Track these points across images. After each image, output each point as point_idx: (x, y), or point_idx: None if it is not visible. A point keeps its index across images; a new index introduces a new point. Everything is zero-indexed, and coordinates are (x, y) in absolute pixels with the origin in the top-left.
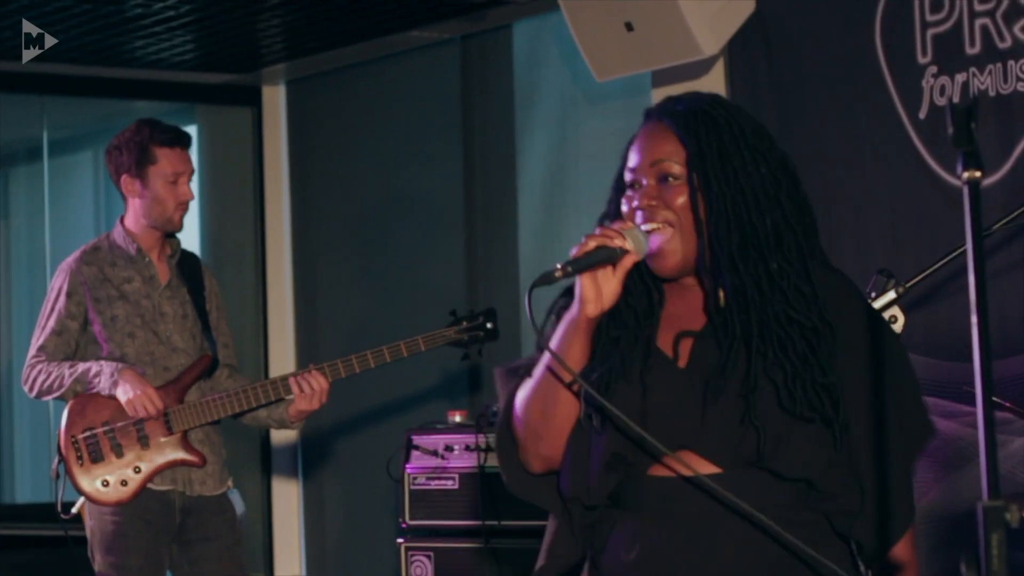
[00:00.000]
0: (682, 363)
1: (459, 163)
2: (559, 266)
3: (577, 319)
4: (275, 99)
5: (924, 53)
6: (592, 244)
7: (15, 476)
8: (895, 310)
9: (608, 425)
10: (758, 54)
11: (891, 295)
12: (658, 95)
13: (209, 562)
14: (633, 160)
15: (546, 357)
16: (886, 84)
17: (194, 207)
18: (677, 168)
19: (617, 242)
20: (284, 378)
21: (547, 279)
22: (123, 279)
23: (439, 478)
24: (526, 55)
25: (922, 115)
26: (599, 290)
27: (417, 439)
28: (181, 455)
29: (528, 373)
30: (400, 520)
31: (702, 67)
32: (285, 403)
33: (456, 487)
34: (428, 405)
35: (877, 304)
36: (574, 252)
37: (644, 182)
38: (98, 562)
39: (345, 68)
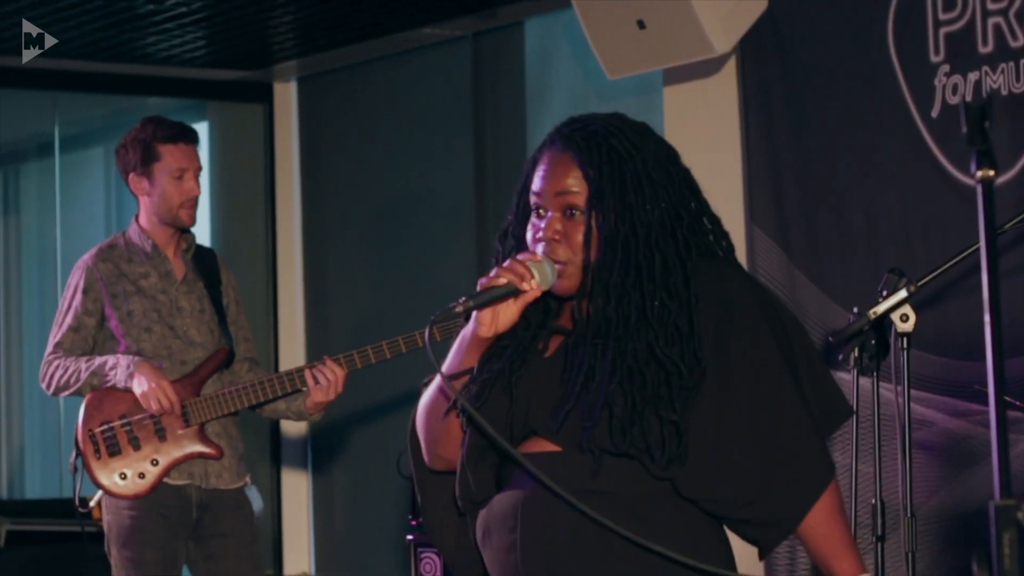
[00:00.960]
0: (547, 354)
1: (470, 160)
2: (460, 301)
3: (470, 338)
4: (287, 96)
5: (936, 52)
6: (502, 280)
7: (25, 472)
8: (906, 308)
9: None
10: (770, 52)
11: (903, 294)
12: (670, 93)
13: (225, 559)
14: (537, 185)
15: (444, 367)
16: (898, 82)
17: (205, 203)
18: (580, 200)
19: (524, 285)
20: (300, 370)
21: (447, 315)
22: (139, 275)
23: None
24: (538, 52)
25: (934, 114)
26: (496, 316)
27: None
28: (198, 447)
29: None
30: (410, 517)
31: (714, 65)
32: (303, 395)
33: None
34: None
35: (888, 303)
36: (483, 282)
37: (549, 212)
38: (114, 556)
39: (357, 65)
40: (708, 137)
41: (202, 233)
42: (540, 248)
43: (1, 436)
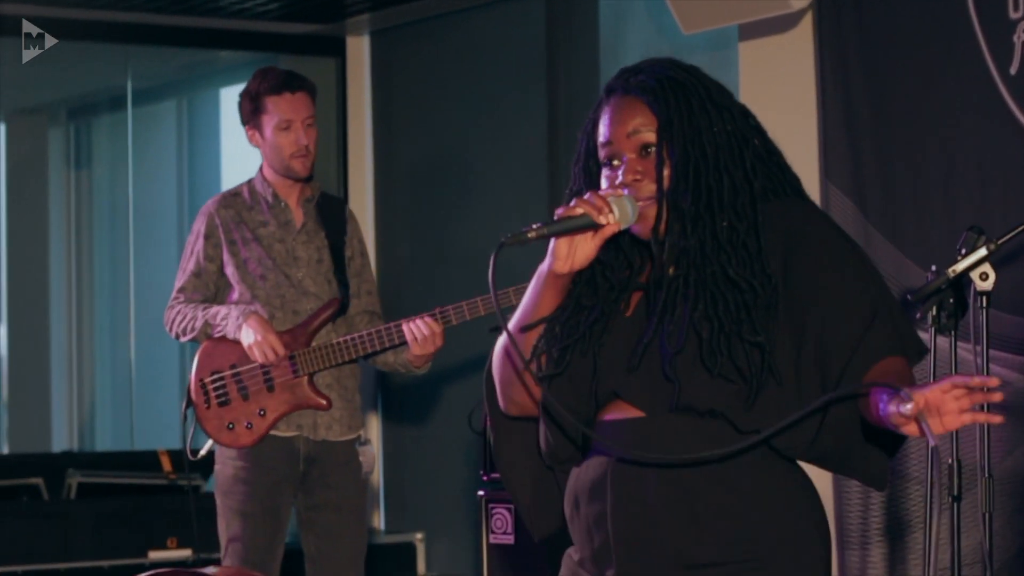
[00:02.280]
0: (628, 313)
1: (543, 117)
2: (534, 227)
3: (546, 275)
4: (359, 50)
5: (1016, 8)
6: (579, 211)
7: (95, 425)
8: (986, 267)
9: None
10: (847, 7)
11: (982, 252)
12: (745, 49)
13: (328, 510)
14: (605, 134)
15: (517, 314)
16: (976, 38)
17: None
18: (651, 137)
19: (601, 219)
20: (398, 323)
21: (519, 239)
22: (259, 223)
23: None
24: (612, 8)
25: (1013, 70)
26: (572, 250)
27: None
28: (306, 398)
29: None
30: (481, 472)
31: (790, 21)
32: (408, 348)
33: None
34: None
35: (968, 261)
36: (560, 212)
37: (624, 156)
38: (218, 505)
39: (430, 19)
40: (783, 93)
41: None
42: (624, 192)
43: (72, 390)
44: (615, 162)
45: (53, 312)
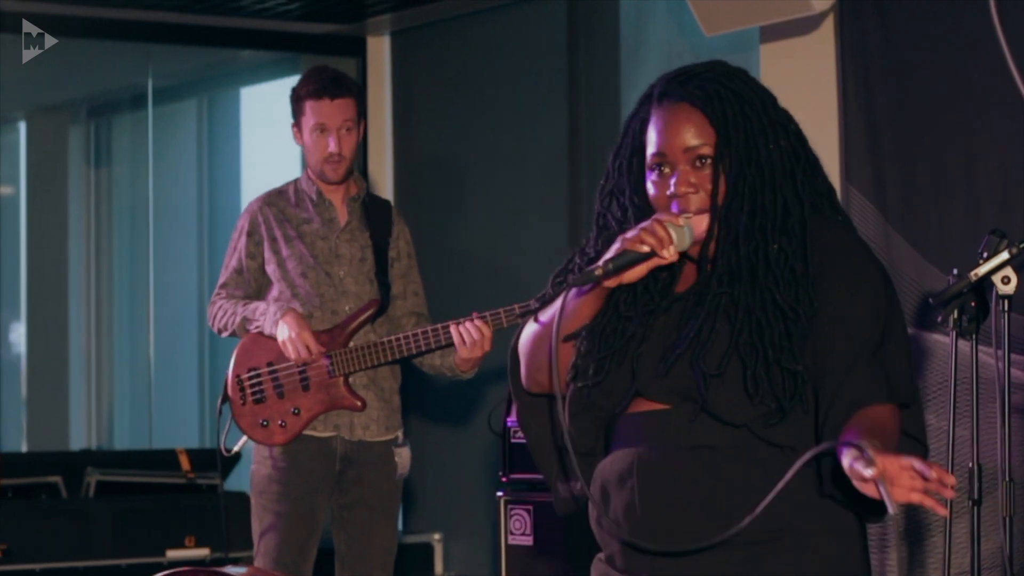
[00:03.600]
0: (665, 318)
1: (564, 117)
2: (600, 264)
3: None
4: (380, 50)
5: None
6: (644, 248)
7: (114, 423)
8: (1007, 271)
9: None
10: (869, 9)
11: (1004, 255)
12: (766, 51)
13: (360, 508)
14: (657, 143)
15: (552, 309)
16: (999, 41)
17: (295, 159)
18: (708, 149)
19: (664, 253)
20: (445, 325)
21: (587, 279)
22: (302, 220)
23: None
24: (633, 8)
25: None
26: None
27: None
28: (342, 398)
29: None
30: (500, 474)
31: (812, 23)
32: (454, 351)
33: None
34: None
35: (990, 264)
36: (625, 239)
37: (677, 167)
38: (253, 503)
39: (451, 19)
40: (804, 96)
41: None
42: (675, 206)
43: (91, 388)
44: (665, 170)
45: (72, 310)
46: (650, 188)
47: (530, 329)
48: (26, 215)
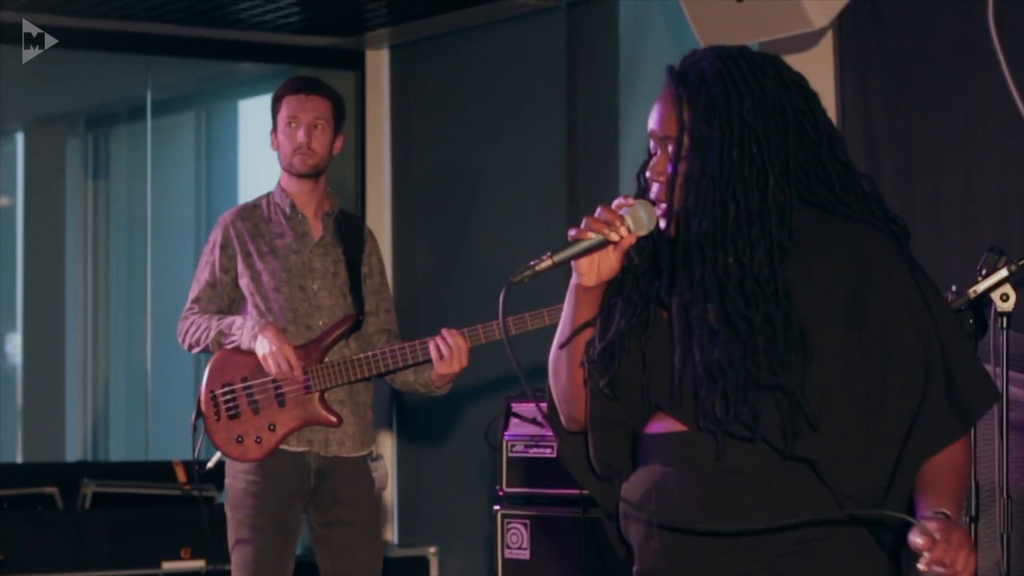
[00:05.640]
0: (666, 314)
1: (562, 132)
2: (544, 257)
3: (575, 291)
4: (379, 64)
5: None
6: (590, 234)
7: (110, 435)
8: (1006, 288)
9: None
10: (868, 27)
11: (1003, 273)
12: None
13: (342, 526)
14: (648, 124)
15: (559, 330)
16: (997, 58)
17: None
18: (674, 133)
19: (613, 236)
20: (423, 341)
21: (529, 274)
22: (276, 234)
23: (537, 446)
24: (632, 24)
25: None
26: (595, 265)
27: (516, 407)
28: (317, 414)
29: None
30: (497, 487)
31: (811, 39)
32: (430, 366)
33: (554, 455)
34: (529, 373)
35: (989, 281)
36: (572, 234)
37: (657, 151)
38: (228, 518)
39: (450, 34)
40: None
41: None
42: (654, 188)
43: (87, 399)
44: (656, 150)
45: (69, 321)
46: (648, 171)
47: (550, 360)
48: (23, 226)
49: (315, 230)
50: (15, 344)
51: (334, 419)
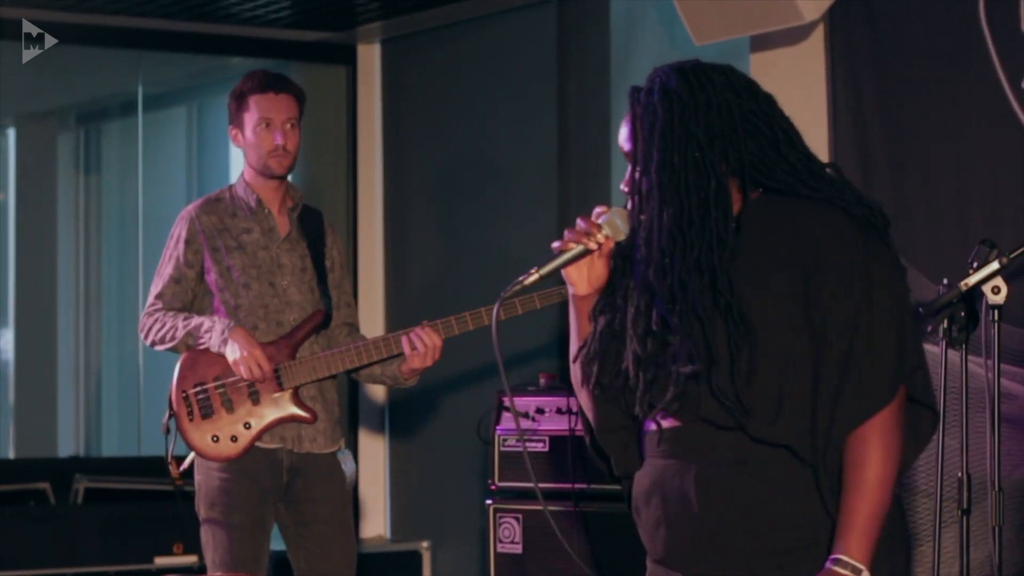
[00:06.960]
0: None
1: (553, 126)
2: (530, 272)
3: (573, 301)
4: (370, 58)
5: None
6: (571, 245)
7: (102, 430)
8: (998, 280)
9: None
10: (859, 20)
11: (994, 265)
12: (756, 60)
13: (316, 523)
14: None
15: (571, 345)
16: (988, 52)
17: None
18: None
19: (591, 244)
20: (396, 335)
21: (519, 289)
22: (242, 230)
23: (529, 440)
24: (623, 18)
25: None
26: (584, 273)
27: (508, 401)
28: (292, 411)
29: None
30: (489, 482)
31: (801, 33)
32: (398, 360)
33: (546, 449)
34: (520, 367)
35: (980, 274)
36: (556, 245)
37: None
38: (202, 516)
39: (441, 28)
40: (794, 106)
41: None
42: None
43: (79, 395)
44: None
45: (61, 317)
46: None
47: (571, 373)
48: (15, 221)
49: (281, 226)
50: (7, 339)
51: (309, 415)
